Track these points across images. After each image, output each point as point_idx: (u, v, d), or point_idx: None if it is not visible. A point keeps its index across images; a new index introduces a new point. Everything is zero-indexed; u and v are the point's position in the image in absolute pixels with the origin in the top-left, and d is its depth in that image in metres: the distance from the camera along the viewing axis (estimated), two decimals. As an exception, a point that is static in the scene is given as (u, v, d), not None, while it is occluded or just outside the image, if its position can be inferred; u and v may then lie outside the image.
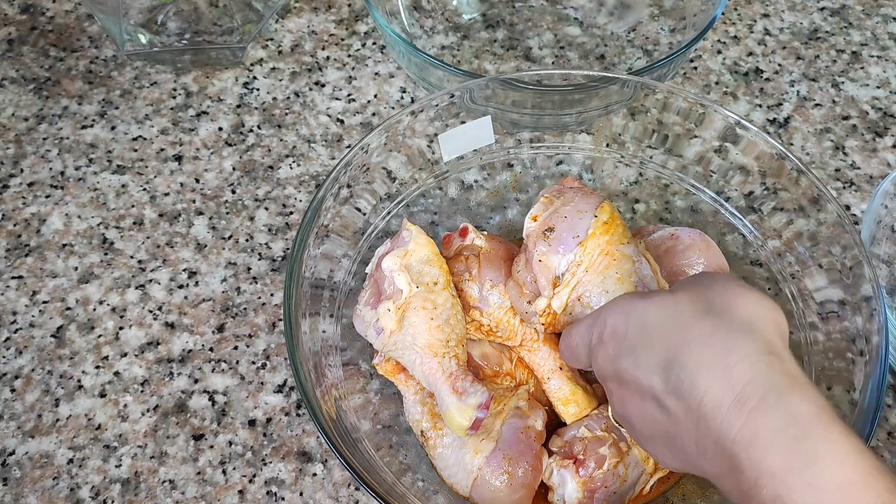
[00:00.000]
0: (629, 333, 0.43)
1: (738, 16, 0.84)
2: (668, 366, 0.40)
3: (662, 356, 0.41)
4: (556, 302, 0.51)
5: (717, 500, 0.53)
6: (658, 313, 0.42)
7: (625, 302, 0.45)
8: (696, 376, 0.39)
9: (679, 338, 0.41)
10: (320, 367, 0.53)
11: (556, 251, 0.51)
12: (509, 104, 0.64)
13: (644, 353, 0.42)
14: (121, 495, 0.56)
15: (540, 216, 0.53)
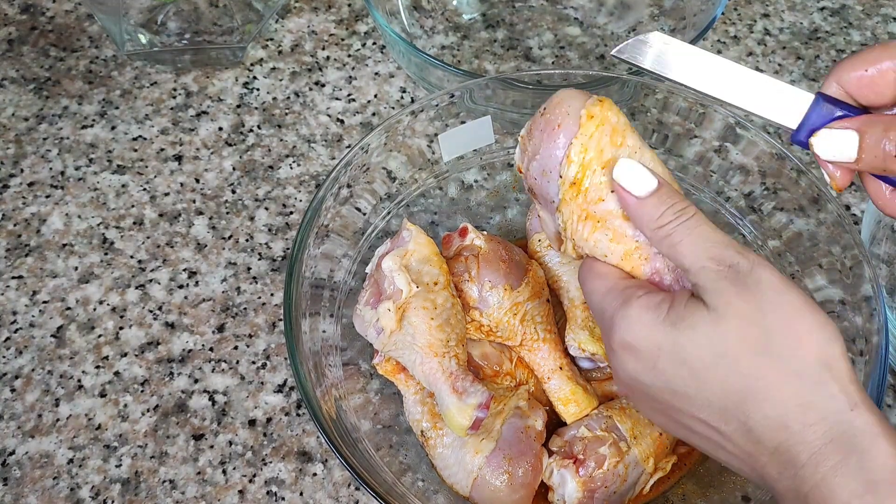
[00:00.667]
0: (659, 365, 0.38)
1: (738, 16, 0.84)
2: (729, 412, 0.36)
3: (719, 402, 0.37)
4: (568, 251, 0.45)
5: (716, 500, 0.53)
6: (701, 353, 0.37)
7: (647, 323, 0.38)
8: (770, 430, 0.36)
9: (738, 385, 0.36)
10: (320, 367, 0.53)
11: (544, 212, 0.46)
12: (509, 104, 0.64)
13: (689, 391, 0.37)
14: (121, 495, 0.56)
15: (522, 167, 0.46)
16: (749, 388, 0.36)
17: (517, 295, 0.55)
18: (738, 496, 0.53)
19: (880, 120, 0.40)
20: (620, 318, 0.39)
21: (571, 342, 0.55)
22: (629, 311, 0.39)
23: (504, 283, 0.55)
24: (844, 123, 0.41)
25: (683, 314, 0.37)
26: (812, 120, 0.41)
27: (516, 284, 0.56)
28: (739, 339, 0.36)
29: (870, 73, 0.41)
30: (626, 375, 0.40)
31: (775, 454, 0.36)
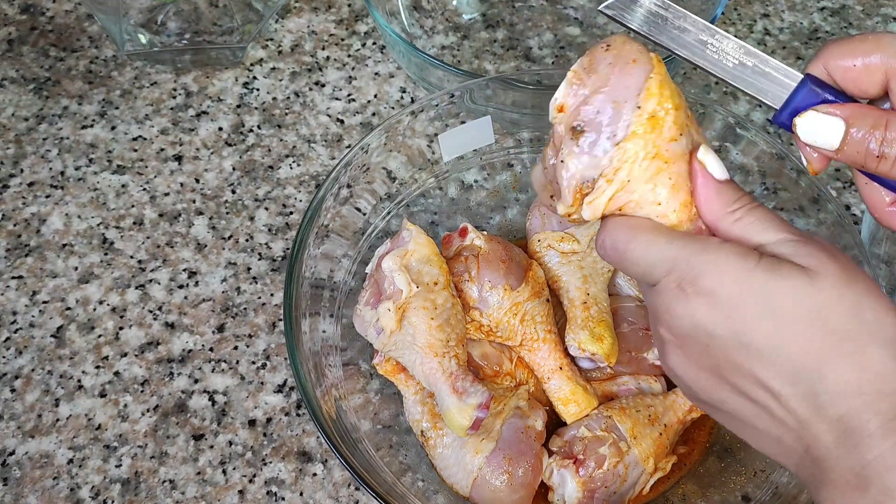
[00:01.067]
0: (740, 313, 0.36)
1: (738, 16, 0.84)
2: (803, 372, 0.35)
3: (796, 360, 0.35)
4: (589, 211, 0.40)
5: (716, 500, 0.53)
6: (795, 304, 0.35)
7: (738, 268, 0.36)
8: (841, 396, 0.35)
9: (822, 346, 0.35)
10: (320, 367, 0.53)
11: (584, 153, 0.40)
12: (509, 104, 0.64)
13: (766, 345, 0.36)
14: (121, 495, 0.56)
15: (567, 105, 0.41)
16: (833, 348, 0.35)
17: (517, 295, 0.55)
18: (737, 496, 0.53)
19: (870, 114, 0.39)
20: (705, 262, 0.37)
21: (571, 342, 0.55)
22: (712, 255, 0.37)
23: (504, 283, 0.55)
24: (833, 109, 0.40)
25: (779, 265, 0.36)
26: (797, 101, 0.40)
27: (516, 284, 0.56)
28: (835, 297, 0.35)
29: (857, 66, 0.40)
30: (688, 324, 0.37)
31: (839, 422, 0.35)
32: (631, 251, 0.39)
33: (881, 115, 0.39)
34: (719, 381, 0.38)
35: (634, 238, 0.39)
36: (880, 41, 0.39)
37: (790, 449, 0.37)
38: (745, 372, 0.36)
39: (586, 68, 0.41)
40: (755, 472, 0.54)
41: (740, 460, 0.55)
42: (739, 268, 0.36)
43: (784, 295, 0.35)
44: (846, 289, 0.35)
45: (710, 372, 0.38)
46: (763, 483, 0.52)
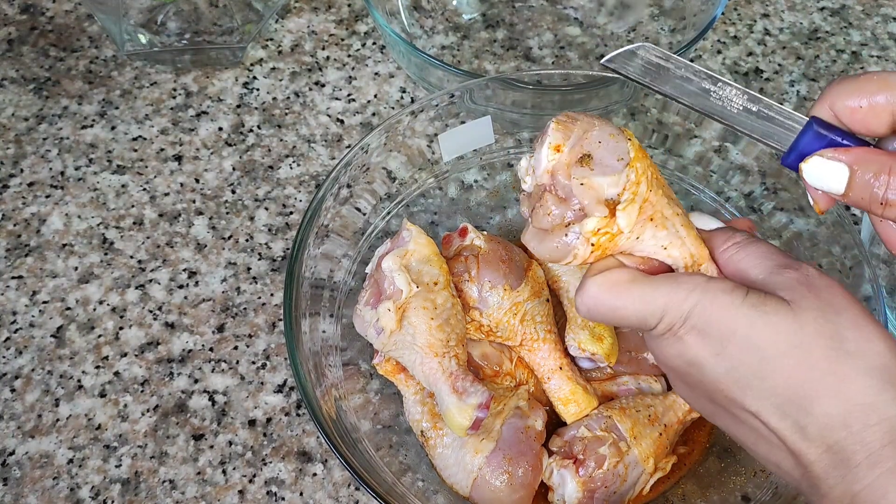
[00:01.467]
0: (728, 349, 0.37)
1: (738, 16, 0.84)
2: (789, 405, 0.36)
3: (782, 393, 0.36)
4: (624, 219, 0.40)
5: (716, 500, 0.53)
6: (777, 339, 0.36)
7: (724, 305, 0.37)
8: (827, 429, 0.36)
9: (806, 378, 0.36)
10: (320, 367, 0.53)
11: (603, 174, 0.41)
12: (509, 104, 0.64)
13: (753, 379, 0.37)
14: (121, 495, 0.56)
15: (563, 145, 0.42)
16: (816, 381, 0.36)
17: (517, 295, 0.55)
18: (737, 496, 0.53)
19: (875, 160, 0.39)
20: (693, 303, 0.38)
21: (571, 342, 0.55)
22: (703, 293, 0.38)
23: (504, 283, 0.55)
24: (838, 154, 0.40)
25: (764, 300, 0.37)
26: (803, 144, 0.40)
27: (516, 284, 0.56)
28: (816, 331, 0.36)
29: (864, 106, 0.39)
30: (682, 362, 0.39)
31: (828, 452, 0.36)
32: (619, 309, 0.40)
33: (886, 160, 0.39)
34: (718, 410, 0.40)
35: (620, 296, 0.40)
36: (886, 81, 0.39)
37: (789, 471, 0.38)
38: (739, 404, 0.38)
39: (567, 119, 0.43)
40: (755, 472, 0.54)
41: (740, 460, 0.55)
42: (726, 304, 0.37)
43: (768, 329, 0.36)
44: (826, 321, 0.36)
45: (710, 401, 0.40)
46: (763, 483, 0.53)
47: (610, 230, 0.41)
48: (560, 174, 0.42)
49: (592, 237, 0.41)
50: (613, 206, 0.41)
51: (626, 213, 0.40)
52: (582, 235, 0.41)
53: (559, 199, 0.42)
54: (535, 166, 0.43)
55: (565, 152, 0.42)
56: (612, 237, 0.41)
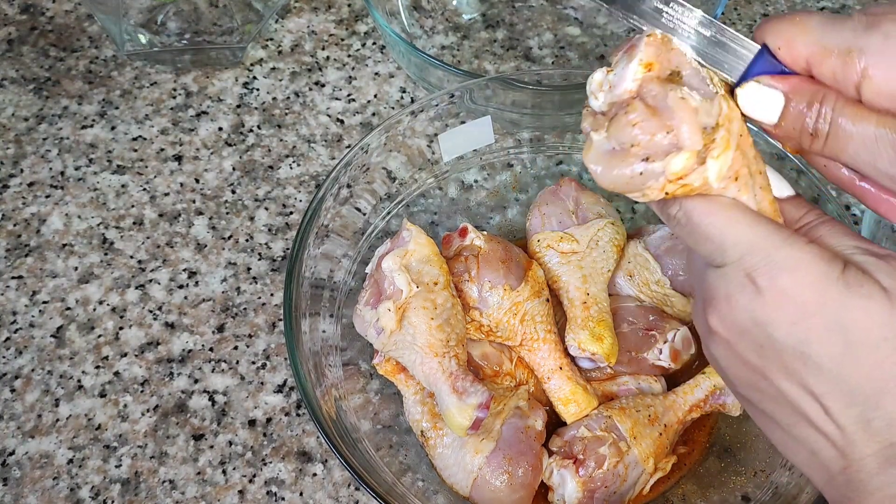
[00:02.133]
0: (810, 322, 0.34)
1: (738, 16, 0.84)
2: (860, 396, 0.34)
3: (857, 383, 0.34)
4: (714, 170, 0.35)
5: (716, 500, 0.53)
6: (870, 327, 0.33)
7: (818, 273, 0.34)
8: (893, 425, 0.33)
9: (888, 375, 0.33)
10: (320, 367, 0.53)
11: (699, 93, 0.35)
12: (509, 104, 0.64)
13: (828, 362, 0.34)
14: (121, 495, 0.56)
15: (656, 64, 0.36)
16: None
17: (517, 295, 0.55)
18: (737, 496, 0.53)
19: (809, 88, 0.37)
20: (786, 258, 0.34)
21: (571, 342, 0.55)
22: (800, 253, 0.34)
23: (504, 283, 0.55)
24: (774, 82, 0.37)
25: (862, 280, 0.33)
26: (753, 72, 0.38)
27: (516, 284, 0.56)
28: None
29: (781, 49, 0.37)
30: (747, 318, 0.35)
31: (889, 448, 0.33)
32: (707, 224, 0.36)
33: (820, 89, 0.37)
34: (764, 381, 0.36)
35: (715, 212, 0.35)
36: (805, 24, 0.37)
37: (824, 464, 0.36)
38: (798, 379, 0.35)
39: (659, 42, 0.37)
40: (755, 472, 0.54)
41: (740, 460, 0.55)
42: (822, 273, 0.34)
43: (861, 313, 0.33)
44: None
45: (756, 371, 0.36)
46: (763, 483, 0.53)
47: (692, 182, 0.35)
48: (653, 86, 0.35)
49: (670, 184, 0.34)
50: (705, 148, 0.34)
51: (718, 162, 0.34)
52: (663, 175, 0.34)
53: (650, 109, 0.35)
54: (614, 82, 0.36)
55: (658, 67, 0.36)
56: (691, 189, 0.35)
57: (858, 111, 0.36)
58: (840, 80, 0.36)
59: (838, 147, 0.36)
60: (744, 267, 0.35)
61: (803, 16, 0.37)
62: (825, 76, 0.36)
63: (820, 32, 0.36)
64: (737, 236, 0.35)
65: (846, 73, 0.36)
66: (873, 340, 0.33)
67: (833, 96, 0.36)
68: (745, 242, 0.35)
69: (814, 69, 0.37)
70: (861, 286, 0.33)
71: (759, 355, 0.36)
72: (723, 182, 0.35)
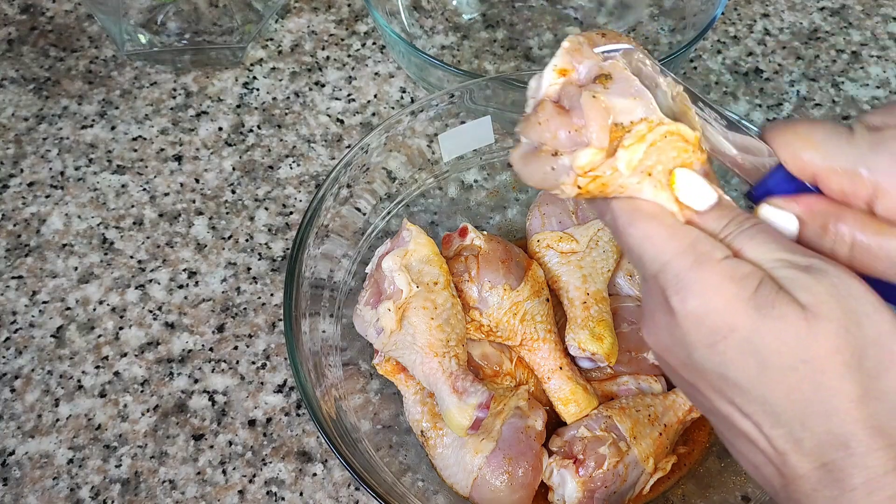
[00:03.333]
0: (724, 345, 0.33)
1: (738, 16, 0.84)
2: (784, 416, 0.33)
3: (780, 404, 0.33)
4: (624, 160, 0.34)
5: (716, 500, 0.53)
6: (783, 350, 0.32)
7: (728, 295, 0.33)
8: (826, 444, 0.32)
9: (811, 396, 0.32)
10: (320, 367, 0.53)
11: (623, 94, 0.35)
12: (509, 104, 0.64)
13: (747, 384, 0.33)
14: (121, 495, 0.56)
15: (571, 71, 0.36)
16: (821, 401, 0.32)
17: (517, 295, 0.55)
18: (737, 496, 0.53)
19: (822, 210, 0.36)
20: (693, 280, 0.33)
21: (571, 342, 0.55)
22: (705, 274, 0.33)
23: (504, 283, 0.55)
24: (787, 204, 0.37)
25: (774, 301, 0.32)
26: (770, 184, 0.38)
27: (516, 284, 0.56)
28: (833, 348, 0.32)
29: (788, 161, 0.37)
30: (668, 337, 0.35)
31: (822, 469, 0.33)
32: (628, 235, 0.35)
33: (833, 210, 0.36)
34: (701, 396, 0.36)
35: (635, 222, 0.35)
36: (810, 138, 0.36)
37: (767, 479, 0.35)
38: (727, 398, 0.34)
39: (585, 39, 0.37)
40: (755, 472, 0.54)
41: (740, 460, 0.55)
42: (732, 296, 0.33)
43: (772, 337, 0.32)
44: (847, 336, 0.32)
45: (691, 386, 0.36)
46: (763, 483, 0.53)
47: (602, 174, 0.34)
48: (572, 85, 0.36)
49: (581, 178, 0.34)
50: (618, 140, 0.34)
51: (627, 152, 0.34)
52: (572, 170, 0.34)
53: (559, 110, 0.35)
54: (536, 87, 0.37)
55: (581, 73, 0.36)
56: (604, 185, 0.35)
57: (879, 228, 0.36)
58: (850, 195, 0.36)
59: (866, 263, 0.36)
60: (659, 284, 0.34)
61: (807, 127, 0.37)
62: (834, 192, 0.36)
63: (824, 151, 0.36)
64: (652, 251, 0.35)
65: (856, 191, 0.36)
66: (788, 363, 0.32)
67: (850, 216, 0.36)
68: (659, 260, 0.34)
69: (821, 184, 0.37)
70: (773, 307, 0.32)
71: (687, 372, 0.35)
72: (635, 176, 0.35)
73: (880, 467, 0.32)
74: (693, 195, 0.36)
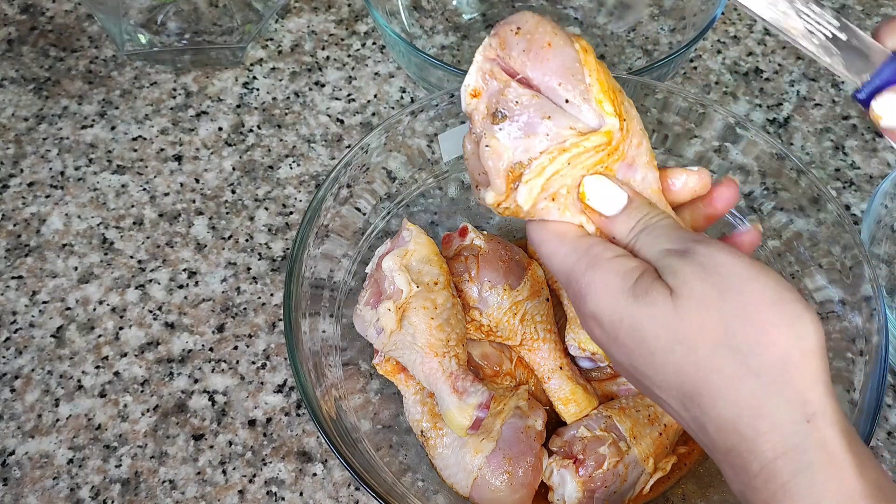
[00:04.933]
0: (620, 338, 0.35)
1: (737, 16, 0.84)
2: (687, 399, 0.33)
3: (677, 387, 0.33)
4: (523, 195, 0.37)
5: (716, 500, 0.53)
6: (659, 333, 0.33)
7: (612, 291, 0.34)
8: (722, 430, 0.32)
9: (694, 376, 0.33)
10: (320, 367, 0.53)
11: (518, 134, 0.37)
12: (509, 104, 0.64)
13: (648, 370, 0.34)
14: (121, 495, 0.56)
15: (482, 92, 0.38)
16: (704, 380, 0.32)
17: (517, 294, 0.56)
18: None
19: None
20: (587, 283, 0.35)
21: (571, 342, 0.55)
22: (595, 275, 0.35)
23: (504, 283, 0.55)
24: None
25: (648, 288, 0.34)
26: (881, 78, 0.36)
27: (516, 284, 0.56)
28: (698, 325, 0.32)
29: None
30: (592, 335, 0.37)
31: (728, 456, 0.33)
32: (541, 255, 0.39)
33: None
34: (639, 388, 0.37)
35: (543, 241, 0.38)
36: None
37: None
38: (645, 386, 0.36)
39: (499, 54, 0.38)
40: (755, 472, 0.54)
41: (740, 460, 0.55)
42: (616, 290, 0.34)
43: (649, 322, 0.33)
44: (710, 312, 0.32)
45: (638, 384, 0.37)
46: (763, 483, 0.53)
47: (509, 206, 0.38)
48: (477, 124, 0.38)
49: (495, 208, 0.39)
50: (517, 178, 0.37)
51: (527, 187, 0.37)
52: (486, 201, 0.39)
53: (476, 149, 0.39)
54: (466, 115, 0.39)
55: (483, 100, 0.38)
56: (515, 213, 0.38)
57: None
58: None
59: None
60: (567, 294, 0.37)
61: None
62: None
63: None
64: (558, 265, 0.37)
65: None
66: (666, 345, 0.33)
67: None
68: (562, 273, 0.37)
69: None
70: (647, 294, 0.34)
71: (617, 367, 0.37)
72: (541, 202, 0.38)
73: (770, 452, 0.31)
74: (602, 201, 0.38)
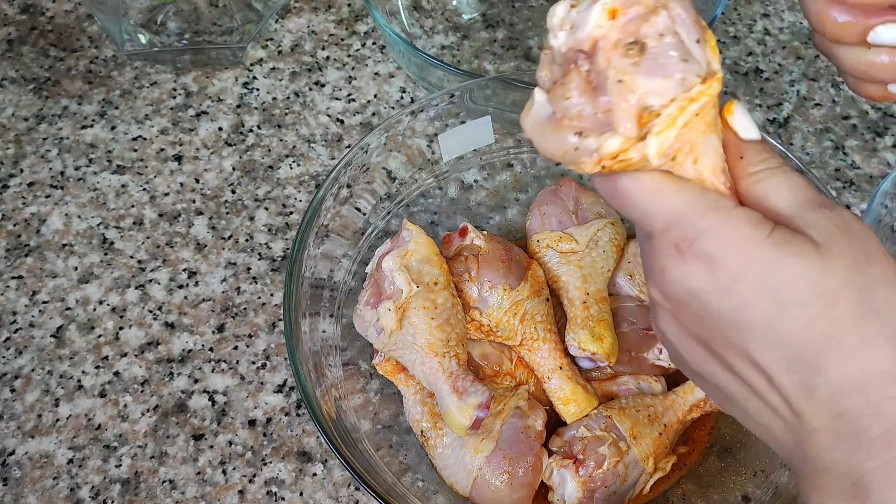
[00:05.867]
0: (741, 287, 0.32)
1: (738, 16, 0.84)
2: (799, 360, 0.32)
3: (795, 346, 0.32)
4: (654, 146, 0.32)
5: (716, 499, 0.53)
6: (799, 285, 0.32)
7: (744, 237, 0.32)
8: (841, 393, 0.31)
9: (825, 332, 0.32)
10: (320, 367, 0.53)
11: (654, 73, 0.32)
12: (509, 104, 0.64)
13: (763, 325, 0.32)
14: (121, 495, 0.56)
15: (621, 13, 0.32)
16: (836, 338, 0.31)
17: (517, 294, 0.56)
18: (737, 496, 0.53)
19: None
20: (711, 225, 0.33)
21: (571, 342, 0.55)
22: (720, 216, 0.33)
23: (504, 283, 0.55)
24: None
25: (791, 239, 0.32)
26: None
27: (516, 284, 0.56)
28: (844, 282, 0.31)
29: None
30: (682, 290, 0.34)
31: (838, 421, 0.32)
32: (632, 192, 0.34)
33: None
34: (711, 354, 0.35)
35: (637, 180, 0.34)
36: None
37: (779, 438, 0.34)
38: (739, 350, 0.33)
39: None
40: (755, 472, 0.54)
41: (740, 460, 0.55)
42: (748, 236, 0.32)
43: (790, 272, 0.32)
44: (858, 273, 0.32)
45: (702, 343, 0.35)
46: (763, 483, 0.53)
47: (630, 158, 0.32)
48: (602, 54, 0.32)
49: (606, 160, 0.32)
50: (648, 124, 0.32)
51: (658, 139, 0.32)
52: (597, 152, 0.32)
53: (587, 87, 0.33)
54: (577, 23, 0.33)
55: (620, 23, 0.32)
56: (629, 166, 0.33)
57: None
58: None
59: None
60: (671, 237, 0.33)
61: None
62: None
63: None
64: (661, 205, 0.34)
65: None
66: (804, 298, 0.32)
67: None
68: (670, 211, 0.33)
69: None
70: (790, 244, 0.32)
71: (700, 326, 0.35)
72: (661, 159, 0.33)
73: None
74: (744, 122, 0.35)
